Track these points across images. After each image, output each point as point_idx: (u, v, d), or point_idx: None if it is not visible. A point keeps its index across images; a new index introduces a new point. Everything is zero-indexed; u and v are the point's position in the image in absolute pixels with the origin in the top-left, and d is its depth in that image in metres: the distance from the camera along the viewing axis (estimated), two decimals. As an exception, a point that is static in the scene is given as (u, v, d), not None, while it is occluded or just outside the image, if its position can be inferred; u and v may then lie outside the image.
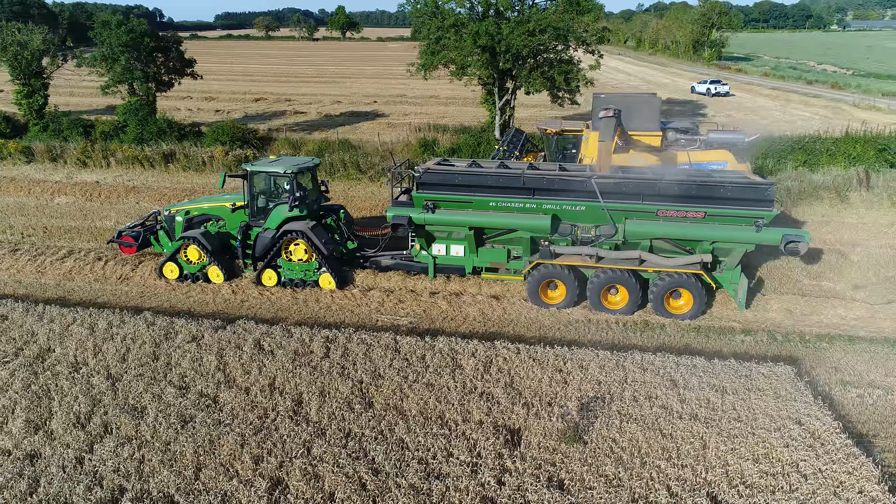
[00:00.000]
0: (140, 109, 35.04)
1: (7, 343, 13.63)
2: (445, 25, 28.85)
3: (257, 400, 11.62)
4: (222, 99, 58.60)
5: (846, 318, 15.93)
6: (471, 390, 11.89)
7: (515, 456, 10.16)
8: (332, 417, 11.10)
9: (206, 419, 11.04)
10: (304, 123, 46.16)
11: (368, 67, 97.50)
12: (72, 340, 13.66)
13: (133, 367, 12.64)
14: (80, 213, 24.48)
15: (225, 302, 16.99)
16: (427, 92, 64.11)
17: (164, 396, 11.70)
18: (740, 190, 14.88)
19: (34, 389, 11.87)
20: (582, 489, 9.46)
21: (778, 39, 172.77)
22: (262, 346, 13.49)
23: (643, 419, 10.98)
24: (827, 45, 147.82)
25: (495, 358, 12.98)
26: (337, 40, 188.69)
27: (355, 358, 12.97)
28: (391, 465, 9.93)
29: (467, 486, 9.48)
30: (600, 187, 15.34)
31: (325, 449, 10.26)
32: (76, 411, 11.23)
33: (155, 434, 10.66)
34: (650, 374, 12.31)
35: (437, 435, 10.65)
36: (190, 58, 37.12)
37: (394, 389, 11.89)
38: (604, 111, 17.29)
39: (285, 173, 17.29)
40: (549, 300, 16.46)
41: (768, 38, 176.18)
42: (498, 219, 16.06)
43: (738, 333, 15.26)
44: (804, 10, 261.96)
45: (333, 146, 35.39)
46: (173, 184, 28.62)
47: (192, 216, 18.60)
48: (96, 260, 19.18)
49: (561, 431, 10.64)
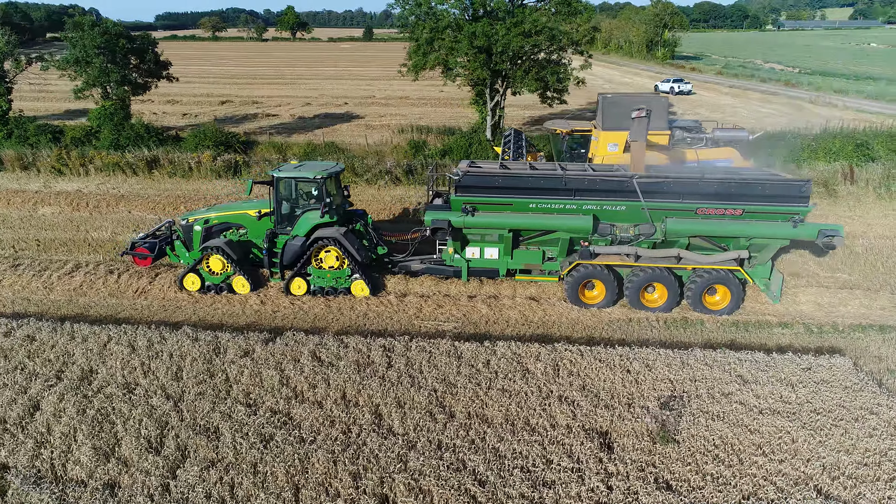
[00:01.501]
0: (115, 114, 33.54)
1: (44, 365, 12.80)
2: (440, 26, 28.64)
3: (334, 414, 11.25)
4: (186, 102, 56.72)
5: (871, 308, 16.56)
6: (548, 395, 11.81)
7: (614, 459, 10.14)
8: (417, 429, 10.84)
9: (286, 437, 10.62)
10: (279, 126, 45.11)
11: (326, 68, 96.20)
12: (114, 360, 12.94)
13: (191, 386, 12.06)
14: (71, 224, 23.25)
15: (255, 313, 16.42)
16: (395, 93, 63.74)
17: (234, 415, 11.20)
18: (778, 187, 15.26)
19: (91, 414, 11.19)
20: (691, 489, 9.52)
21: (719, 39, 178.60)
22: (319, 357, 13.08)
23: (726, 416, 11.13)
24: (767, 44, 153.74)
25: (561, 360, 12.93)
26: (287, 41, 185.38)
27: (421, 366, 12.71)
28: (494, 475, 9.77)
29: (578, 492, 9.42)
30: (640, 187, 15.49)
31: (421, 462, 10.01)
32: (145, 435, 10.64)
33: (238, 455, 10.19)
34: (717, 371, 12.50)
35: (530, 442, 10.53)
36: (165, 60, 35.77)
37: (471, 397, 11.71)
38: (636, 111, 17.47)
39: (315, 179, 16.82)
40: (588, 300, 16.55)
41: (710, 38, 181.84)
42: (539, 220, 16.02)
43: (775, 327, 15.68)
44: (741, 11, 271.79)
45: (320, 149, 34.78)
46: (161, 191, 27.52)
47: (212, 225, 17.90)
48: (108, 273, 18.27)
49: (653, 432, 10.68)
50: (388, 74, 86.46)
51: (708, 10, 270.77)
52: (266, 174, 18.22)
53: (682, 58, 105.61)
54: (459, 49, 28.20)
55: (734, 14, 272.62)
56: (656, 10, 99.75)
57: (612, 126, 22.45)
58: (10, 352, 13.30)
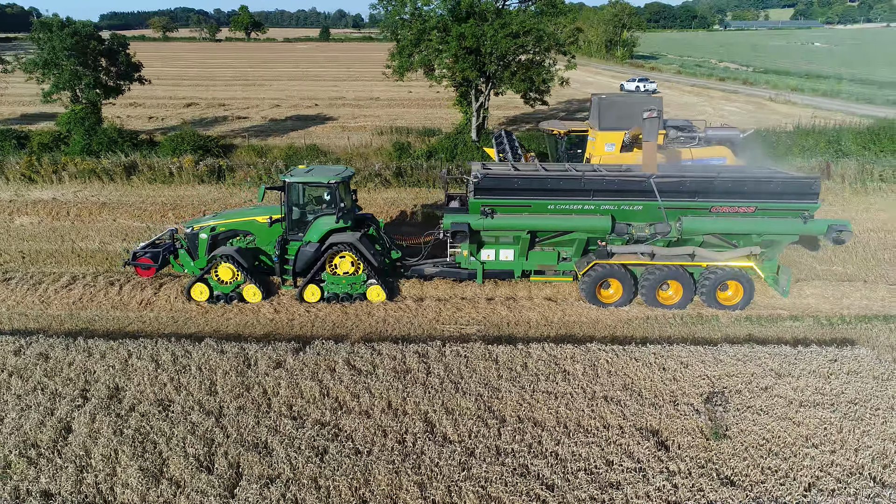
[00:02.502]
0: (86, 118, 32.30)
1: (65, 384, 12.20)
2: (427, 27, 28.49)
3: (384, 423, 11.06)
4: (149, 105, 55.02)
5: (873, 300, 17.20)
6: (592, 395, 11.87)
7: (673, 457, 10.26)
8: (472, 436, 10.75)
9: (341, 449, 10.39)
10: (252, 129, 44.21)
11: (288, 69, 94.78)
12: (140, 376, 12.43)
13: (229, 400, 11.69)
14: (54, 234, 22.26)
15: (271, 322, 16.02)
16: (365, 94, 63.26)
17: (281, 429, 10.90)
18: (789, 185, 15.70)
19: (129, 434, 10.72)
20: (753, 483, 9.70)
21: (671, 39, 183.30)
22: (354, 366, 12.84)
23: (769, 410, 11.38)
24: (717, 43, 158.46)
25: (597, 361, 13.02)
26: (242, 41, 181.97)
27: (460, 371, 12.61)
28: (560, 478, 9.77)
29: (646, 491, 9.49)
30: (657, 186, 15.72)
31: (484, 469, 9.93)
32: (192, 454, 10.25)
33: (295, 470, 9.92)
34: (751, 366, 12.78)
35: (587, 443, 10.57)
36: (136, 62, 34.60)
37: (517, 401, 11.68)
38: (647, 112, 17.72)
39: (329, 184, 16.52)
40: (605, 299, 16.72)
41: (662, 38, 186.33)
42: (558, 221, 16.10)
43: (787, 320, 16.14)
44: (689, 11, 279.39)
45: (301, 152, 34.22)
46: (143, 198, 26.60)
47: (218, 233, 17.40)
48: (109, 285, 17.57)
49: (706, 429, 10.85)
50: (352, 75, 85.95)
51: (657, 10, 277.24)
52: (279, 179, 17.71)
53: (639, 57, 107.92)
54: (448, 50, 28.09)
55: (683, 14, 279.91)
56: (615, 11, 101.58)
57: (608, 126, 22.73)
58: (25, 371, 12.64)
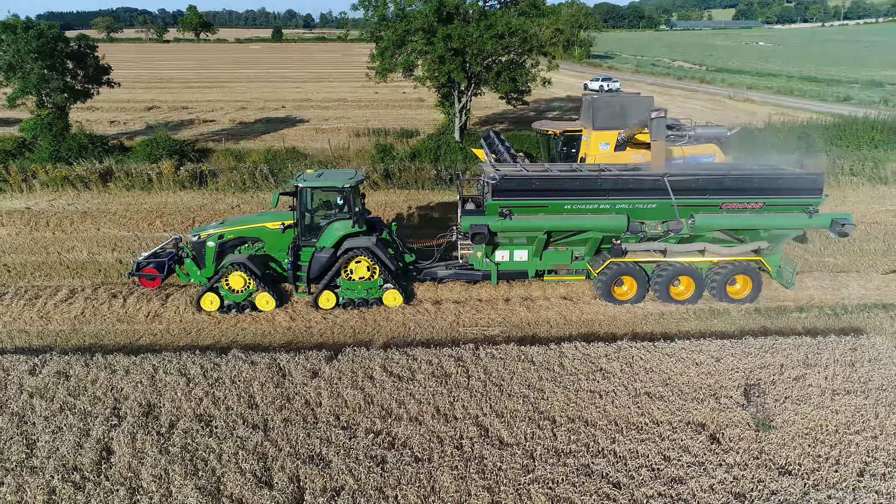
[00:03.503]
0: (53, 124, 30.96)
1: (94, 403, 11.68)
2: (413, 28, 28.36)
3: (437, 429, 10.96)
4: (108, 109, 53.07)
5: (868, 289, 17.97)
6: (635, 392, 12.03)
7: (728, 450, 10.49)
8: (528, 438, 10.76)
9: (400, 458, 10.25)
10: (223, 132, 43.19)
11: (245, 70, 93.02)
12: (171, 391, 11.99)
13: (272, 413, 11.39)
14: (37, 246, 21.28)
15: (288, 331, 15.70)
16: (331, 95, 62.58)
17: (333, 440, 10.68)
18: (794, 181, 16.24)
19: (175, 452, 10.34)
20: (808, 471, 10.00)
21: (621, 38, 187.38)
22: (392, 372, 12.69)
23: (806, 400, 11.76)
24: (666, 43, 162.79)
25: (632, 358, 13.20)
26: (191, 42, 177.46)
27: (501, 374, 12.60)
28: (624, 476, 9.87)
29: (710, 484, 9.68)
30: (670, 185, 16.04)
31: (547, 470, 9.96)
32: (248, 469, 9.96)
33: (358, 482, 9.74)
34: (779, 357, 13.17)
35: (641, 440, 10.71)
36: (105, 64, 33.34)
37: (563, 401, 11.74)
38: (655, 112, 18.04)
39: (343, 188, 16.27)
40: (619, 297, 16.98)
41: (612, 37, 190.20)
42: (575, 221, 16.25)
43: (794, 311, 16.71)
44: (637, 12, 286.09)
45: (281, 155, 33.64)
46: (124, 206, 25.67)
47: (226, 240, 16.94)
48: (111, 297, 16.90)
49: (752, 420, 11.13)
50: (315, 76, 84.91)
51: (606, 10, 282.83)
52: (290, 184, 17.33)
53: (596, 57, 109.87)
54: (434, 51, 28.02)
55: (630, 14, 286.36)
56: (572, 11, 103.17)
57: (602, 126, 23.09)
58: (46, 391, 12.04)
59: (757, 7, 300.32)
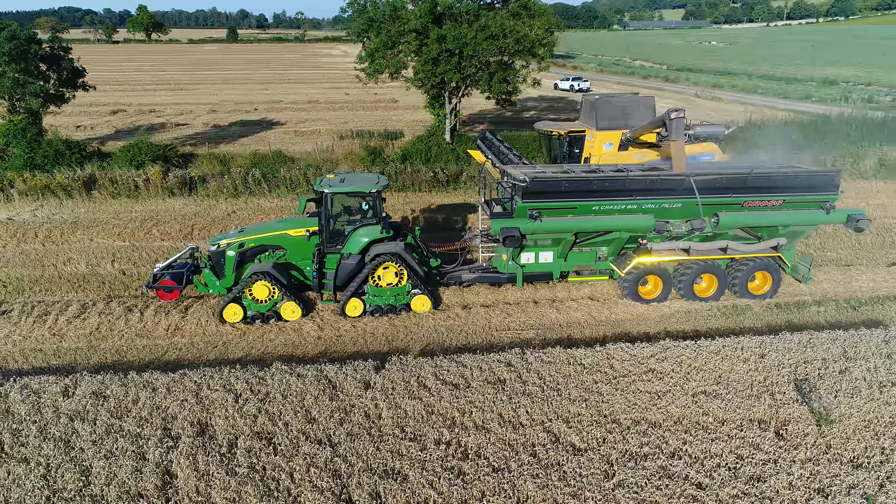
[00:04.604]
0: (27, 130, 29.54)
1: (142, 425, 11.12)
2: (406, 29, 28.06)
3: (506, 437, 10.82)
4: (71, 113, 50.62)
5: (877, 281, 18.59)
6: (692, 392, 12.11)
7: (797, 445, 10.65)
8: (600, 442, 10.72)
9: (477, 468, 10.07)
10: (198, 136, 41.97)
11: (208, 72, 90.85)
12: (221, 409, 11.52)
13: (333, 427, 11.04)
14: (29, 258, 20.22)
15: (318, 340, 15.30)
16: (301, 97, 61.53)
17: (404, 451, 10.42)
18: (813, 178, 16.66)
19: (243, 473, 9.93)
20: (878, 464, 10.23)
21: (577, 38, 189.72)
22: (445, 380, 12.47)
23: (856, 393, 12.03)
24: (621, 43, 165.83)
25: (678, 357, 13.29)
26: (142, 42, 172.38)
27: (554, 379, 12.53)
28: (705, 476, 9.91)
29: (789, 481, 9.81)
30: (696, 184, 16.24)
31: (628, 474, 9.93)
32: (325, 487, 9.63)
33: (441, 495, 9.52)
34: (820, 351, 13.46)
35: (710, 440, 10.79)
36: (80, 67, 31.98)
37: (623, 403, 11.73)
38: (675, 112, 18.20)
39: (370, 193, 15.95)
40: (645, 296, 17.13)
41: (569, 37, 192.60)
42: (603, 221, 16.30)
43: (812, 305, 17.14)
44: (590, 12, 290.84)
45: (268, 159, 32.93)
46: (114, 214, 24.65)
47: (246, 249, 16.41)
48: (127, 311, 16.19)
49: (812, 416, 11.33)
50: (279, 77, 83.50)
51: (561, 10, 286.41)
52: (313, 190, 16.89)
53: (558, 56, 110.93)
54: (428, 52, 27.78)
55: (584, 14, 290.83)
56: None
57: (606, 126, 23.21)
58: (86, 413, 11.42)
59: (705, 7, 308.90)
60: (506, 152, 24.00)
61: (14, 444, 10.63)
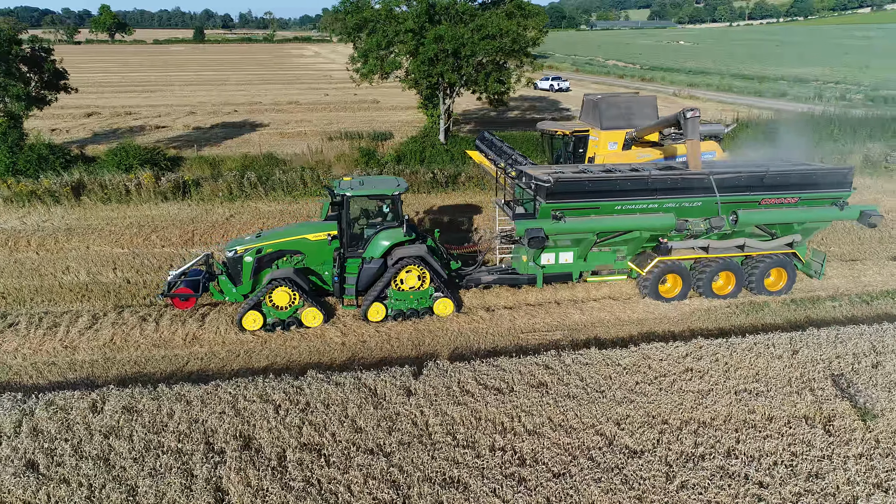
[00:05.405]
0: (8, 134, 28.44)
1: (182, 440, 10.69)
2: (402, 29, 27.78)
3: (561, 442, 10.68)
4: (43, 116, 48.88)
5: (885, 275, 18.98)
6: (733, 390, 12.13)
7: (848, 440, 10.74)
8: (654, 444, 10.65)
9: (537, 474, 9.91)
10: (180, 139, 41.02)
11: (181, 74, 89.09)
12: (263, 420, 11.16)
13: (382, 436, 10.77)
14: (24, 268, 19.42)
15: (343, 346, 14.98)
16: (280, 98, 60.75)
17: (460, 459, 10.22)
18: (827, 175, 16.91)
19: (299, 486, 9.61)
20: (929, 457, 10.37)
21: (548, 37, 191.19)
22: (487, 385, 12.29)
23: (893, 387, 12.21)
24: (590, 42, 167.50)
25: (713, 356, 13.34)
26: (105, 43, 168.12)
27: (596, 380, 12.45)
28: (762, 475, 9.92)
29: (847, 477, 9.87)
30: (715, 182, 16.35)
31: (689, 475, 9.88)
32: (386, 500, 9.37)
33: (506, 503, 9.34)
34: (849, 346, 13.65)
35: (762, 437, 10.81)
36: (62, 68, 30.94)
37: (667, 403, 11.70)
38: (690, 112, 18.27)
39: (393, 196, 15.69)
40: (665, 294, 17.20)
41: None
42: (626, 221, 16.31)
43: (827, 300, 17.41)
44: (558, 12, 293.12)
45: (259, 161, 32.30)
46: (108, 221, 23.86)
47: (264, 255, 16.00)
48: (141, 321, 15.62)
49: (855, 411, 11.45)
50: (256, 78, 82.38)
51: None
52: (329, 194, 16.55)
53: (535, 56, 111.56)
54: (425, 53, 27.54)
55: (552, 14, 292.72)
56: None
57: (610, 126, 23.30)
58: (121, 429, 10.94)
59: (669, 8, 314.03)
60: (509, 152, 23.92)
61: (50, 464, 10.12)
